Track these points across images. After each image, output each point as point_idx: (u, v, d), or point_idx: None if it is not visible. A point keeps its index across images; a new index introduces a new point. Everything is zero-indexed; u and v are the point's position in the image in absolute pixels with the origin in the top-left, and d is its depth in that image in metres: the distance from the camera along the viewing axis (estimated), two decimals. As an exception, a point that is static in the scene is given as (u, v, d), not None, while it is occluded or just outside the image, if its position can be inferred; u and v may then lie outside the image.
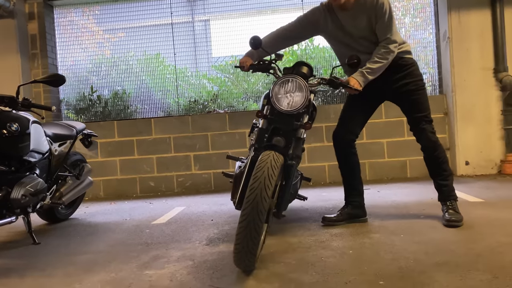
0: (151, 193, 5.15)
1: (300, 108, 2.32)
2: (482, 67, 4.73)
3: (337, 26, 2.74)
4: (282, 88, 2.33)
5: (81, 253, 2.61)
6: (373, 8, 2.61)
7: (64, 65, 5.59)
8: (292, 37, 2.87)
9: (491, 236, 2.37)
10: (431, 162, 2.80)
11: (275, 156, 2.10)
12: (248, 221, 1.91)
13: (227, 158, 3.11)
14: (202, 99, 5.47)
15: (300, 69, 2.47)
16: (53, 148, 3.25)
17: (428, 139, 2.73)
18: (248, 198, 1.95)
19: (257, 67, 2.64)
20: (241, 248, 1.93)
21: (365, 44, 2.71)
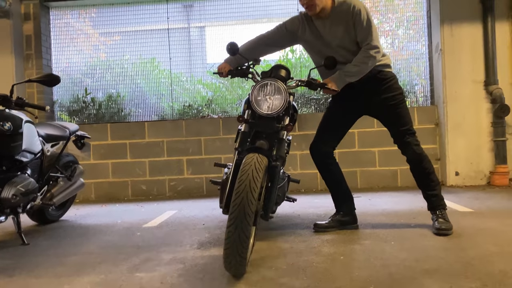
0: (142, 197, 5.13)
1: (280, 110, 2.34)
2: (473, 80, 4.81)
3: (315, 35, 2.76)
4: (261, 92, 2.35)
5: (71, 255, 2.59)
6: (350, 15, 2.63)
7: (58, 66, 5.57)
8: (271, 44, 2.88)
9: (480, 245, 2.40)
10: (418, 173, 2.81)
11: (259, 158, 2.11)
12: (236, 224, 1.92)
13: (215, 166, 3.12)
14: (197, 104, 5.48)
15: (278, 72, 2.49)
16: (46, 148, 3.24)
17: (413, 151, 2.75)
18: (234, 202, 1.95)
19: (235, 73, 2.68)
20: (231, 252, 1.94)
21: (342, 53, 2.71)
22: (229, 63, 2.78)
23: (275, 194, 2.36)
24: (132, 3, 5.54)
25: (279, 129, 2.38)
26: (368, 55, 2.62)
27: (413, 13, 5.39)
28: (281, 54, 5.55)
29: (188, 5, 5.74)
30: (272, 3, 5.52)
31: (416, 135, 2.79)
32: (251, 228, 1.99)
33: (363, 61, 2.62)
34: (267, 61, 5.57)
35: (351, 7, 2.62)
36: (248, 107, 2.44)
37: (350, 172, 4.89)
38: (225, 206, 2.24)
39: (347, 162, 4.79)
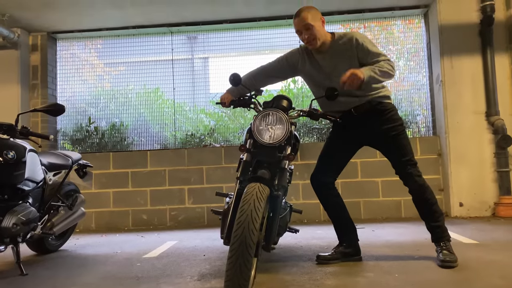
0: (143, 226, 5.08)
1: (281, 140, 2.34)
2: (474, 111, 4.84)
3: (315, 68, 2.78)
4: (263, 122, 2.37)
5: (69, 285, 2.55)
6: (352, 47, 2.65)
7: (63, 96, 5.65)
8: (272, 75, 2.91)
9: (486, 277, 2.35)
10: (420, 204, 2.78)
11: (261, 188, 2.10)
12: (237, 256, 1.89)
13: (216, 195, 3.11)
14: (199, 133, 5.51)
15: (279, 103, 2.51)
16: (48, 177, 3.24)
17: (415, 182, 2.72)
18: (235, 232, 1.93)
19: (238, 103, 2.71)
20: (232, 285, 1.90)
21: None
22: (231, 93, 2.81)
23: (277, 224, 2.34)
24: (138, 34, 5.67)
25: (281, 159, 2.38)
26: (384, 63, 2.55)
27: (414, 45, 5.49)
28: (283, 84, 5.62)
29: (192, 36, 5.88)
30: (274, 36, 5.65)
31: (417, 166, 2.78)
32: (253, 259, 1.96)
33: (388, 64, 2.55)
34: (269, 91, 5.64)
35: (352, 39, 2.66)
36: (250, 137, 2.45)
37: (353, 203, 4.85)
38: (226, 237, 2.21)
39: (350, 192, 4.77)
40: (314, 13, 2.67)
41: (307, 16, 2.64)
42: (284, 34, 5.58)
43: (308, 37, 2.66)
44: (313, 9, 2.70)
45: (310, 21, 2.63)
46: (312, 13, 2.67)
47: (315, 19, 2.65)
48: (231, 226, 2.17)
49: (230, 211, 2.25)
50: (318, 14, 2.70)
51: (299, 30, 2.68)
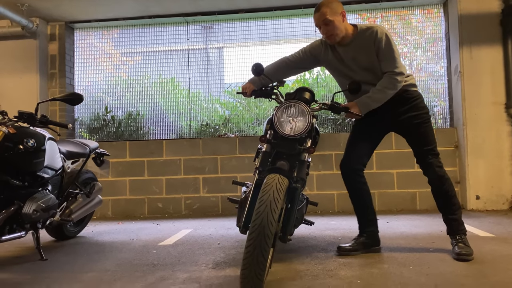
0: (158, 215, 5.15)
1: (303, 132, 2.34)
2: (493, 102, 4.74)
3: (338, 60, 2.78)
4: (284, 113, 2.36)
5: (88, 271, 2.61)
6: (372, 43, 2.64)
7: (80, 85, 5.73)
8: (294, 67, 2.90)
9: (503, 271, 2.33)
10: (439, 196, 2.76)
11: (280, 179, 2.10)
12: (255, 246, 1.91)
13: (232, 184, 3.13)
14: (214, 123, 5.53)
15: (302, 95, 2.50)
16: (66, 165, 3.30)
17: (435, 173, 2.71)
18: (254, 222, 1.94)
19: (260, 93, 2.70)
20: (248, 273, 1.92)
21: (368, 76, 2.72)
22: (253, 83, 2.80)
23: (295, 216, 2.34)
24: (153, 24, 5.70)
25: (301, 151, 2.37)
26: (393, 82, 2.63)
27: (432, 35, 5.39)
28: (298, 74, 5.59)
29: (207, 26, 5.87)
30: (289, 25, 5.60)
31: (439, 157, 2.75)
32: (270, 249, 1.97)
33: (387, 87, 2.63)
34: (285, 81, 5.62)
35: (374, 34, 2.64)
36: (271, 127, 2.44)
37: (367, 194, 4.82)
38: (243, 226, 2.23)
39: (364, 183, 4.74)
40: (334, 7, 2.65)
41: (326, 11, 2.62)
42: (299, 24, 5.54)
43: (327, 32, 2.65)
44: (334, 3, 2.66)
45: (329, 16, 2.61)
46: (332, 7, 2.64)
47: (335, 14, 2.63)
48: (248, 216, 2.20)
49: (248, 200, 2.26)
50: (339, 8, 2.67)
51: (318, 25, 2.67)
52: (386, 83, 2.64)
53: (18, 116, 2.81)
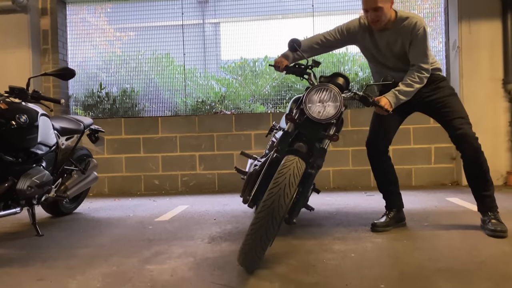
0: (155, 191, 5.16)
1: (332, 118, 2.28)
2: (491, 78, 4.71)
3: (372, 43, 2.73)
4: (316, 96, 2.29)
5: (83, 247, 2.62)
6: (409, 33, 2.58)
7: (74, 61, 5.63)
8: (328, 46, 2.84)
9: (495, 245, 2.36)
10: (473, 171, 2.66)
11: (299, 163, 2.07)
12: (261, 225, 1.91)
13: (241, 154, 3.11)
14: (210, 100, 5.49)
15: (336, 80, 2.43)
16: (60, 141, 3.28)
17: (471, 145, 2.60)
18: (265, 202, 1.93)
19: (293, 70, 2.60)
20: (249, 249, 1.94)
21: (399, 64, 2.71)
22: (286, 58, 2.73)
23: (304, 201, 2.32)
24: (147, -2, 5.58)
25: (324, 137, 2.34)
26: (420, 76, 2.59)
27: (431, 10, 5.30)
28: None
29: (202, 1, 5.75)
30: (287, 1, 5.50)
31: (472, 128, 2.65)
32: (275, 231, 1.97)
33: (415, 81, 2.59)
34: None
35: (412, 24, 2.57)
36: (297, 107, 2.40)
37: (364, 171, 4.84)
38: (251, 200, 2.21)
39: (361, 160, 4.74)
40: None
41: None
42: (297, -1, 5.43)
43: (374, 18, 2.58)
44: None
45: (380, 3, 2.53)
46: None
47: (386, 1, 2.56)
48: (258, 191, 2.19)
49: (261, 175, 2.25)
50: None
51: (367, 9, 2.58)
52: (414, 77, 2.60)
53: (9, 91, 2.77)
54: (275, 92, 5.48)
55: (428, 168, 4.89)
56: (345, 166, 4.96)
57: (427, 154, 4.89)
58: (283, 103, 5.46)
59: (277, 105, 5.46)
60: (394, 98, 2.58)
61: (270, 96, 5.49)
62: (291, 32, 5.47)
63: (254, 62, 5.57)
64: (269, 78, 5.51)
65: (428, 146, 4.86)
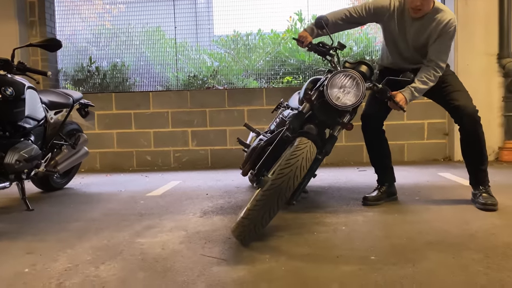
0: (147, 167, 5.14)
1: (351, 107, 2.25)
2: (486, 52, 4.67)
3: (399, 27, 2.63)
4: (339, 81, 2.25)
5: (74, 221, 2.60)
6: (440, 27, 2.50)
7: (62, 34, 5.49)
8: (353, 22, 2.74)
9: (485, 218, 2.37)
10: (472, 142, 2.62)
11: (312, 148, 2.05)
12: (266, 202, 1.91)
13: (244, 126, 3.09)
14: (202, 75, 5.40)
15: (361, 68, 2.37)
16: (49, 115, 3.22)
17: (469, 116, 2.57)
18: (274, 180, 1.92)
19: (317, 49, 2.50)
20: (248, 224, 1.94)
21: (416, 56, 2.66)
22: (310, 33, 2.64)
23: (307, 183, 2.30)
24: (137, -31, 5.41)
25: (338, 124, 2.30)
26: (436, 75, 2.54)
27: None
28: (289, 23, 5.43)
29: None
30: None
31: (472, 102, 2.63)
32: (278, 211, 1.97)
33: (430, 79, 2.54)
34: (274, 31, 5.48)
35: (445, 21, 2.49)
36: (315, 88, 2.35)
37: (357, 146, 4.84)
38: (255, 175, 2.18)
39: (353, 136, 4.73)
40: None
41: None
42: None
43: (418, 6, 2.48)
44: None
45: None
46: None
47: None
48: (262, 166, 2.19)
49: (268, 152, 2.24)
50: None
51: None
52: (430, 75, 2.53)
53: (-7, 63, 2.69)
54: (268, 66, 5.40)
55: (421, 144, 4.89)
56: (338, 142, 4.91)
57: (420, 130, 4.88)
58: (276, 78, 5.40)
59: (271, 80, 5.40)
60: (410, 95, 2.53)
61: (263, 71, 5.42)
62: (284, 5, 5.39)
63: (247, 36, 5.47)
64: (262, 52, 5.42)
65: (421, 121, 4.85)
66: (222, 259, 1.85)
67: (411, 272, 1.63)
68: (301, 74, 5.36)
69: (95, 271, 1.75)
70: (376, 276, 1.61)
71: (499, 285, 1.49)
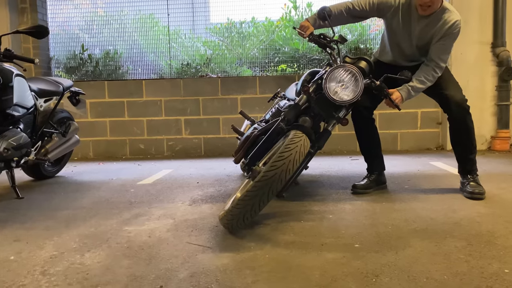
0: (140, 156, 5.13)
1: (348, 102, 2.24)
2: (480, 41, 4.65)
3: (404, 23, 2.60)
4: (339, 75, 2.24)
5: (63, 209, 2.61)
6: (445, 28, 2.48)
7: (54, 21, 5.44)
8: (355, 16, 2.71)
9: (471, 206, 2.38)
10: (461, 131, 2.63)
11: (306, 142, 2.05)
12: (257, 194, 1.91)
13: (239, 113, 3.08)
14: (195, 63, 5.37)
15: (360, 64, 2.36)
16: (38, 103, 3.20)
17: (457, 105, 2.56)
18: (267, 172, 1.91)
19: (317, 41, 2.48)
20: (237, 214, 1.94)
21: (416, 54, 2.65)
22: (313, 24, 2.61)
23: (297, 175, 2.30)
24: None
25: (333, 118, 2.30)
26: (434, 75, 2.54)
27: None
28: (284, 11, 5.38)
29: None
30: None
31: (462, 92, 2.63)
32: (268, 202, 1.97)
33: (428, 79, 2.54)
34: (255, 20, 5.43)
35: (451, 22, 2.47)
36: (314, 81, 2.34)
37: (350, 135, 4.81)
38: (247, 164, 2.18)
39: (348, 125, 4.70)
40: None
41: None
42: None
43: (426, 3, 2.45)
44: None
45: None
46: None
47: None
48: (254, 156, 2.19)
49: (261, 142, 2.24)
50: None
51: None
52: (429, 75, 2.53)
53: (-20, 51, 2.66)
54: (262, 55, 5.37)
55: (414, 133, 4.90)
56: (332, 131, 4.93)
57: (413, 119, 4.88)
58: (270, 67, 5.37)
59: (265, 69, 5.37)
60: (406, 94, 2.53)
61: (257, 59, 5.38)
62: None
63: (241, 24, 5.43)
64: (256, 41, 5.39)
65: (414, 110, 4.84)
66: (207, 247, 1.85)
67: (393, 260, 1.64)
68: (296, 63, 5.34)
69: (80, 259, 1.75)
70: (359, 263, 1.62)
71: (479, 272, 1.51)
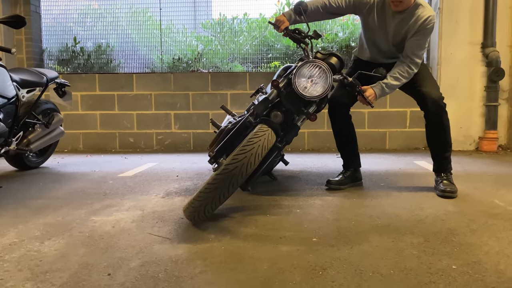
0: (130, 149, 5.16)
1: (316, 98, 2.25)
2: (470, 41, 4.63)
3: (379, 20, 2.61)
4: (308, 71, 2.25)
5: (38, 198, 2.63)
6: (418, 24, 2.49)
7: (48, 13, 5.47)
8: (331, 12, 2.72)
9: (440, 204, 2.38)
10: (436, 130, 2.64)
11: (270, 136, 2.05)
12: (217, 186, 1.91)
13: (220, 108, 3.11)
14: (187, 58, 5.38)
15: (331, 60, 2.37)
16: (20, 94, 3.22)
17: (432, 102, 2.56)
18: (227, 166, 1.92)
19: (291, 35, 2.49)
20: (198, 207, 1.96)
21: (392, 51, 2.66)
22: (288, 19, 2.62)
23: (262, 170, 2.30)
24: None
25: (302, 113, 2.30)
26: (409, 72, 2.54)
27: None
28: (277, 7, 5.38)
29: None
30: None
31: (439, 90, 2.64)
32: (229, 196, 1.98)
33: (403, 76, 2.54)
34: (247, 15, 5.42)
35: (424, 17, 2.48)
36: (285, 76, 2.35)
37: (337, 132, 4.83)
38: (213, 157, 2.20)
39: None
40: None
41: None
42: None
43: None
44: None
45: None
46: None
47: None
48: (221, 149, 2.19)
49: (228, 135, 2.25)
50: None
51: None
52: (403, 71, 2.54)
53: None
54: (255, 51, 5.38)
55: (403, 132, 4.88)
56: (320, 128, 4.94)
57: (402, 118, 4.87)
58: (263, 63, 5.37)
59: (257, 65, 5.37)
60: (380, 91, 2.53)
61: (249, 55, 5.39)
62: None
63: (233, 20, 5.43)
64: (248, 37, 5.39)
65: (404, 109, 4.83)
66: (166, 238, 1.87)
67: (346, 254, 1.65)
68: (288, 59, 5.33)
69: (38, 246, 1.77)
70: (311, 257, 1.62)
71: (426, 268, 1.51)
